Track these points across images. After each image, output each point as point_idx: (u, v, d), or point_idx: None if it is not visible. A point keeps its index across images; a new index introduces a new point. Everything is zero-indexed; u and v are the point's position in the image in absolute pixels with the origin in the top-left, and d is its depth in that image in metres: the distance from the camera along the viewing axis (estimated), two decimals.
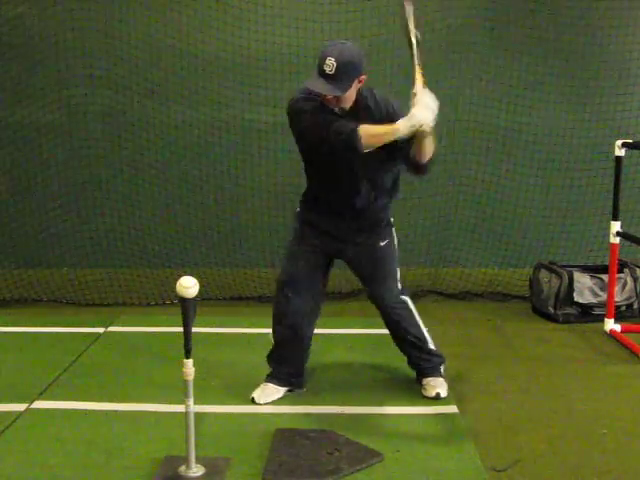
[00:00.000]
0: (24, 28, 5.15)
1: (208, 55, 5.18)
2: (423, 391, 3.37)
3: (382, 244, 3.28)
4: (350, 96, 2.97)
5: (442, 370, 3.44)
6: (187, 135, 5.41)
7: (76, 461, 2.76)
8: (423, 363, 3.41)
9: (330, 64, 2.87)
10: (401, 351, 3.46)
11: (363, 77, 2.97)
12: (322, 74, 2.89)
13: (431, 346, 3.41)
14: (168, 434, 2.90)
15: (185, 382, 2.59)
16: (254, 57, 5.07)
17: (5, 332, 4.31)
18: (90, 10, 5.05)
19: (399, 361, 3.50)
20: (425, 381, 3.39)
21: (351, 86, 2.93)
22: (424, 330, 3.40)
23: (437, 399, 3.30)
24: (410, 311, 3.37)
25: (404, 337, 3.38)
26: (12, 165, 5.40)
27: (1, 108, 5.27)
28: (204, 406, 3.21)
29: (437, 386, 3.35)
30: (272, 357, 3.42)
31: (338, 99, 2.96)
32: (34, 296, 4.97)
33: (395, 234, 3.34)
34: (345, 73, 2.89)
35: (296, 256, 3.29)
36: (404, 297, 3.36)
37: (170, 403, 3.20)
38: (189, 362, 2.58)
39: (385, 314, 3.36)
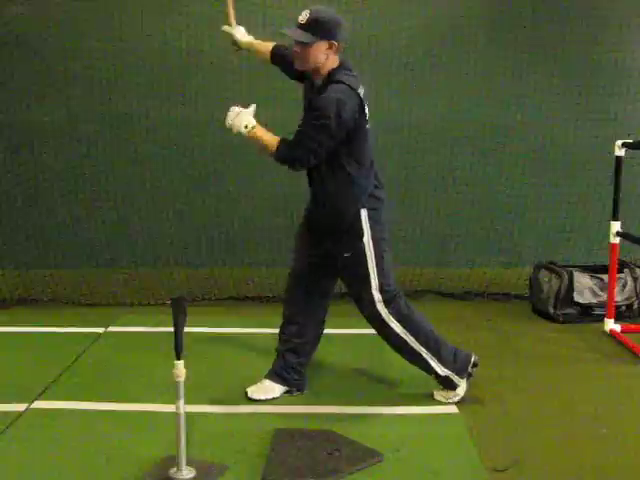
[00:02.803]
0: (24, 28, 5.14)
1: (208, 55, 5.17)
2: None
3: (346, 255, 3.16)
4: (314, 56, 3.01)
5: (455, 385, 3.28)
6: (187, 135, 5.41)
7: (76, 461, 2.76)
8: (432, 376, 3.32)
9: (304, 15, 3.00)
10: None
11: (334, 44, 3.00)
12: (297, 25, 3.00)
13: (437, 369, 3.25)
14: (168, 434, 2.89)
15: (176, 384, 2.58)
16: (254, 57, 5.07)
17: (5, 332, 4.31)
18: (90, 10, 5.05)
19: (399, 361, 3.48)
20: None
21: (316, 42, 2.98)
22: (423, 352, 3.23)
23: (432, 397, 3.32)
24: (389, 328, 3.20)
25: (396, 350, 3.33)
26: (12, 165, 5.39)
27: (1, 108, 5.27)
28: (204, 406, 3.22)
29: (439, 392, 3.32)
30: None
31: (301, 51, 3.01)
32: (34, 296, 4.97)
33: (372, 248, 3.13)
34: (314, 27, 2.97)
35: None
36: (382, 311, 3.17)
37: (170, 403, 3.17)
38: (180, 363, 2.58)
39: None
